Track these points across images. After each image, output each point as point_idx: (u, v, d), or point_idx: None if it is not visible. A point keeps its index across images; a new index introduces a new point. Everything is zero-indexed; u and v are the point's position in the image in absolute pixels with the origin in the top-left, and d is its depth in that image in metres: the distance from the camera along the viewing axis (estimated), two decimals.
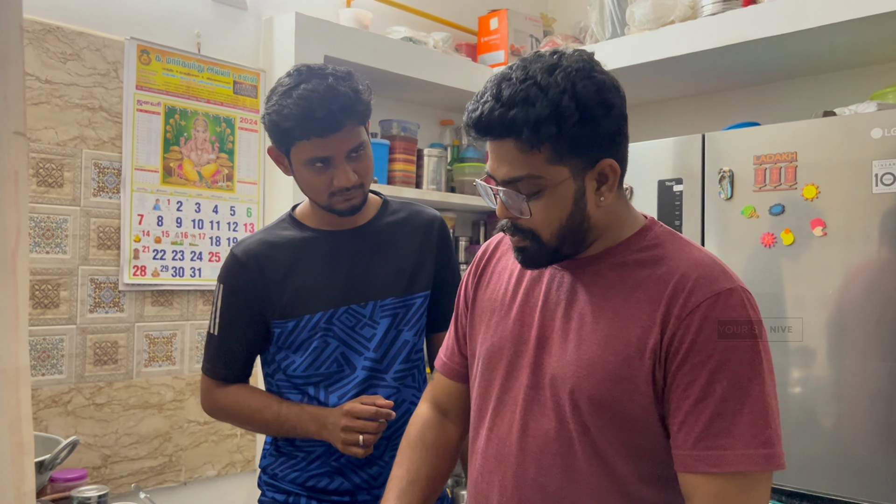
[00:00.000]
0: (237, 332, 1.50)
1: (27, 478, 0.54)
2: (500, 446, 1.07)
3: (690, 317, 0.94)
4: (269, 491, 1.53)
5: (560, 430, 1.01)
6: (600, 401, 0.98)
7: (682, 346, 0.94)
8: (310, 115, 1.33)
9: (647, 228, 1.05)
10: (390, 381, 1.46)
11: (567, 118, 0.93)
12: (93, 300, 2.17)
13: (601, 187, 0.99)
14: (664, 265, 0.99)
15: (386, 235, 1.53)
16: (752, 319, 0.95)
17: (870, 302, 1.90)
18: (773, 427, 0.93)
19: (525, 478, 1.03)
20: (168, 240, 2.32)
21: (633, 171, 2.43)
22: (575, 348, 1.01)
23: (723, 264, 1.00)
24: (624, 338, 0.97)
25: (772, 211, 2.06)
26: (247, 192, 2.52)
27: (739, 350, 0.93)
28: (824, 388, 1.97)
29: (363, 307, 1.47)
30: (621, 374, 0.97)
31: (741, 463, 0.91)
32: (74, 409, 2.12)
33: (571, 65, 0.96)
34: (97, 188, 2.18)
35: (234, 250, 1.50)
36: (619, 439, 0.99)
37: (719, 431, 0.92)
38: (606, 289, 1.01)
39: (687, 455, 0.94)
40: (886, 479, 1.86)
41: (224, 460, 2.44)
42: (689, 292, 0.95)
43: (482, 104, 0.97)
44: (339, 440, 1.37)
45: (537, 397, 1.04)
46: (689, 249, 1.02)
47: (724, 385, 0.92)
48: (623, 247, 1.03)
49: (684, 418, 0.94)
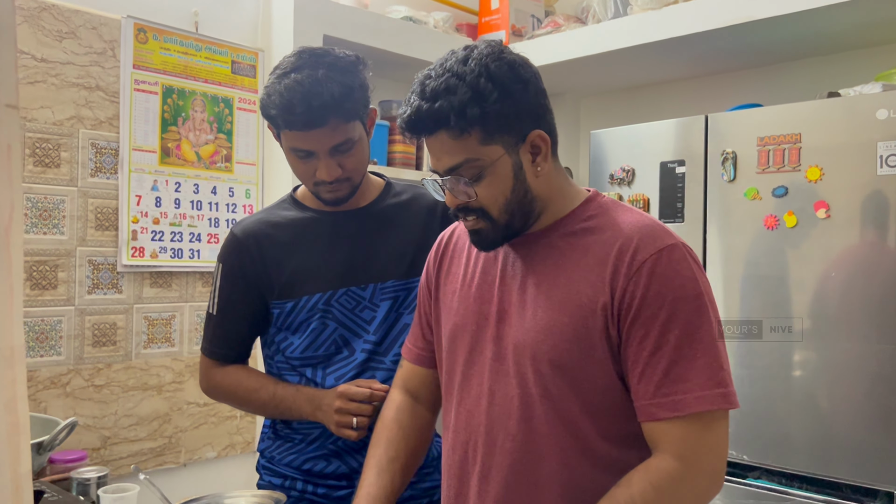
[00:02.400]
0: (236, 312, 1.49)
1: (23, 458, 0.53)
2: (468, 417, 1.12)
3: (638, 273, 1.00)
4: (267, 474, 1.52)
5: (523, 396, 1.06)
6: (560, 362, 1.03)
7: (634, 302, 0.99)
8: (290, 108, 1.31)
9: (590, 200, 1.12)
10: (389, 365, 1.45)
11: (487, 97, 1.00)
12: (91, 281, 2.16)
13: (536, 158, 1.06)
14: (609, 230, 1.06)
15: (388, 217, 1.51)
16: (694, 271, 1.01)
17: (872, 285, 1.89)
18: (725, 368, 1.00)
19: (494, 445, 1.08)
20: (166, 221, 2.30)
21: (635, 153, 2.42)
22: (532, 315, 1.06)
23: (663, 225, 1.07)
24: (577, 299, 1.03)
25: (775, 193, 2.04)
26: (245, 173, 2.50)
27: (687, 300, 0.99)
28: (825, 371, 1.96)
29: (363, 289, 1.45)
30: (577, 334, 1.02)
31: (700, 404, 0.96)
32: (73, 391, 2.11)
33: (482, 52, 1.04)
34: (94, 168, 2.16)
35: (233, 230, 1.49)
36: (580, 400, 1.03)
37: (676, 377, 0.97)
38: (558, 257, 1.08)
39: (648, 404, 0.99)
40: (886, 462, 1.86)
41: (224, 442, 2.44)
42: (634, 251, 1.01)
43: (410, 105, 1.05)
44: (333, 422, 1.36)
45: (501, 368, 1.09)
46: (632, 214, 1.08)
47: (677, 334, 0.98)
48: (570, 218, 1.10)
49: (642, 369, 0.99)
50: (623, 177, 2.35)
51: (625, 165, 2.36)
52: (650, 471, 0.98)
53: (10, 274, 0.52)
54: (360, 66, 1.40)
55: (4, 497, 0.51)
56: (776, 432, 2.01)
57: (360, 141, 1.40)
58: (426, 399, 1.29)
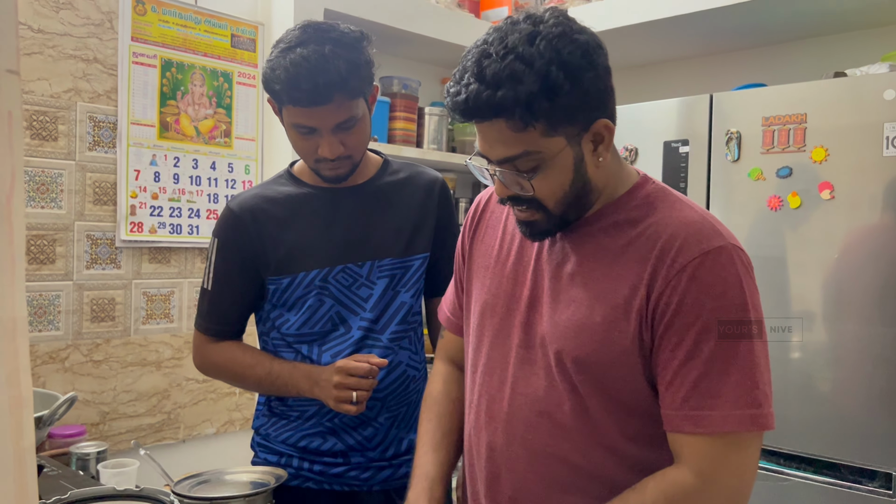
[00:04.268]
0: (231, 288, 1.48)
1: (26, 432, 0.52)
2: (490, 403, 1.08)
3: (678, 277, 0.93)
4: (262, 452, 1.52)
5: (549, 389, 1.01)
6: (587, 362, 0.98)
7: (670, 308, 0.93)
8: (295, 84, 1.29)
9: (638, 186, 1.03)
10: (386, 342, 1.44)
11: (558, 89, 0.90)
12: (89, 256, 2.14)
13: (598, 147, 0.98)
14: (653, 225, 0.98)
15: (386, 195, 1.50)
16: (741, 278, 0.93)
17: (874, 267, 1.88)
18: (761, 387, 0.93)
19: (514, 435, 1.04)
20: (165, 196, 2.29)
21: (638, 133, 2.40)
22: (564, 309, 1.01)
23: (714, 221, 0.98)
24: (611, 299, 0.97)
25: (779, 173, 2.03)
26: (245, 148, 2.47)
27: (727, 310, 0.92)
28: (824, 353, 1.96)
29: (360, 267, 1.44)
30: (608, 336, 0.96)
31: (727, 424, 0.91)
32: (72, 366, 2.11)
33: (551, 30, 0.91)
34: (92, 142, 2.14)
35: (229, 204, 1.47)
36: (606, 399, 0.99)
37: (705, 392, 0.92)
38: (596, 250, 1.01)
39: (674, 415, 0.94)
40: (885, 444, 1.86)
41: (223, 418, 2.44)
42: (676, 252, 0.94)
43: (464, 86, 0.93)
44: (332, 397, 1.35)
45: (528, 357, 1.04)
46: (680, 207, 1.00)
47: (711, 346, 0.91)
48: (616, 206, 1.02)
49: (671, 378, 0.94)
50: (626, 156, 2.34)
51: (627, 145, 2.35)
52: (666, 482, 0.94)
53: (12, 244, 0.51)
54: (365, 43, 1.38)
55: (7, 470, 0.50)
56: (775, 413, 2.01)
57: (362, 118, 1.39)
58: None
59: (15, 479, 0.50)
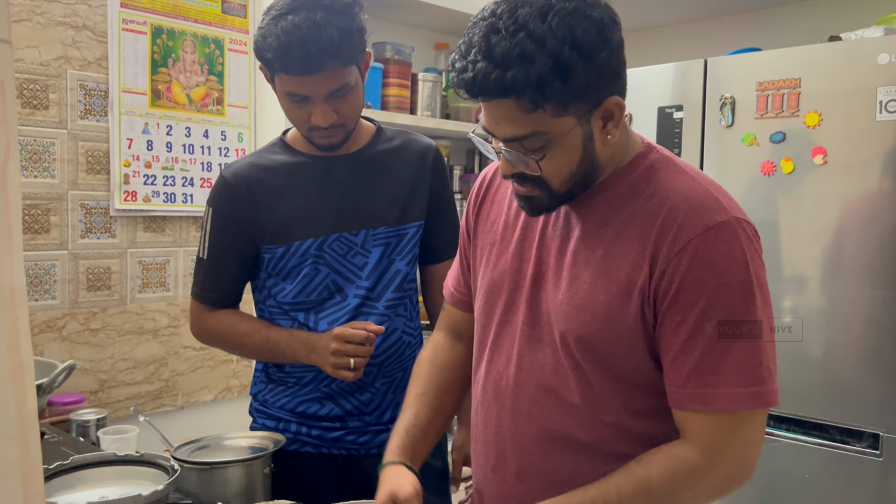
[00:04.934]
0: (227, 257, 1.48)
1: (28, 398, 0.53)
2: (497, 380, 1.08)
3: (680, 255, 0.91)
4: (260, 417, 1.54)
5: (555, 367, 1.01)
6: (590, 340, 0.97)
7: (672, 286, 0.92)
8: (287, 52, 1.28)
9: (642, 156, 1.01)
10: (381, 310, 1.45)
11: (571, 70, 0.86)
12: (84, 225, 2.14)
13: (607, 125, 0.94)
14: (656, 196, 0.96)
15: (379, 163, 1.50)
16: (745, 253, 0.92)
17: (867, 231, 1.89)
18: (765, 363, 0.93)
19: (520, 411, 1.04)
20: (158, 165, 2.28)
21: (632, 98, 2.38)
22: (567, 286, 1.00)
23: (717, 193, 0.96)
24: (614, 277, 0.96)
25: (773, 139, 2.03)
26: (237, 116, 2.46)
27: (731, 286, 0.90)
28: (816, 317, 1.98)
29: (355, 235, 1.45)
30: (611, 314, 0.96)
31: (730, 402, 0.91)
32: (69, 335, 2.12)
33: (564, 6, 0.87)
34: (84, 111, 2.12)
35: (223, 173, 1.47)
36: (610, 376, 0.99)
37: (709, 370, 0.91)
38: (600, 224, 0.99)
39: (678, 392, 0.94)
40: (873, 405, 1.90)
41: (220, 385, 2.46)
42: (678, 227, 0.92)
43: (471, 63, 0.88)
44: (329, 364, 1.37)
45: (534, 334, 1.04)
46: (683, 178, 0.97)
47: (714, 324, 0.90)
48: (619, 176, 1.00)
49: (675, 356, 0.93)
50: None
51: None
52: (672, 458, 0.94)
53: (8, 213, 0.52)
54: (357, 9, 1.36)
55: (11, 435, 0.51)
56: None
57: (355, 86, 1.38)
58: (470, 338, 1.22)
59: (19, 444, 0.51)
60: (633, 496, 0.94)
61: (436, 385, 1.21)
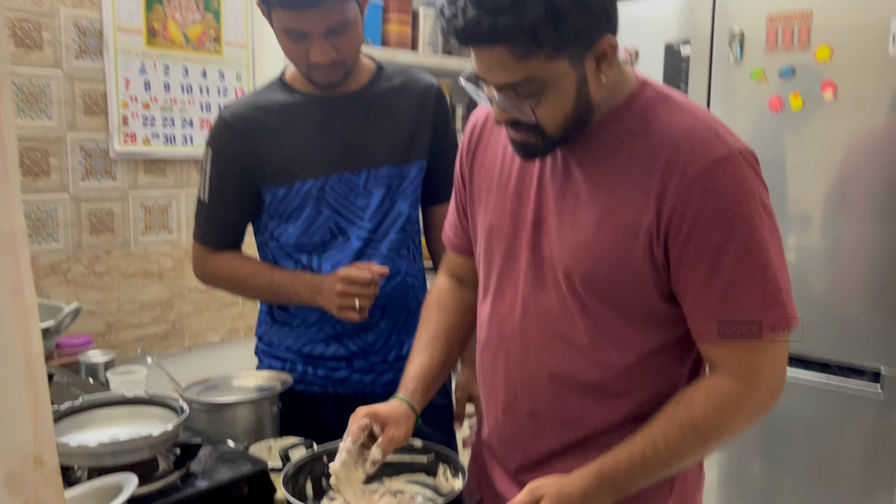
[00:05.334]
0: (228, 198, 1.47)
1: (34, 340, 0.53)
2: (501, 325, 1.08)
3: (689, 192, 0.90)
4: (266, 358, 1.55)
5: (561, 310, 1.01)
6: (596, 282, 0.97)
7: (685, 224, 0.91)
8: None
9: (637, 93, 0.99)
10: (385, 251, 1.45)
11: (564, 14, 0.84)
12: (84, 168, 2.13)
13: (601, 66, 0.92)
14: (656, 135, 0.94)
15: (380, 102, 1.47)
16: (752, 183, 0.92)
17: (874, 168, 1.87)
18: (784, 287, 0.94)
19: (528, 355, 1.05)
20: (157, 106, 2.25)
21: (637, 34, 2.34)
22: (570, 229, 0.99)
23: (716, 126, 0.95)
24: (618, 217, 0.95)
25: (782, 74, 1.99)
26: (235, 55, 2.41)
27: (743, 217, 0.91)
28: (820, 254, 1.98)
29: (356, 176, 1.43)
30: (617, 255, 0.95)
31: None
32: (74, 278, 2.13)
33: None
34: (79, 51, 2.08)
35: (222, 114, 1.45)
36: (618, 315, 0.99)
37: (733, 302, 0.92)
38: (600, 166, 0.98)
39: (705, 326, 0.95)
40: (874, 341, 1.91)
41: (227, 326, 2.48)
42: (683, 165, 0.91)
43: (461, 10, 0.86)
44: (335, 305, 1.37)
45: (537, 278, 1.04)
46: (681, 114, 0.96)
47: (733, 255, 0.91)
48: (615, 116, 0.98)
49: (697, 292, 0.94)
50: (626, 58, 2.28)
51: (628, 47, 2.29)
52: (712, 392, 0.95)
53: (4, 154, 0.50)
54: None
55: (19, 377, 0.51)
56: None
57: (354, 22, 1.34)
58: (472, 281, 1.23)
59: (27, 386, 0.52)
60: (681, 438, 0.95)
61: (445, 328, 1.21)
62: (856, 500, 1.96)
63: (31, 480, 0.51)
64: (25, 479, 0.50)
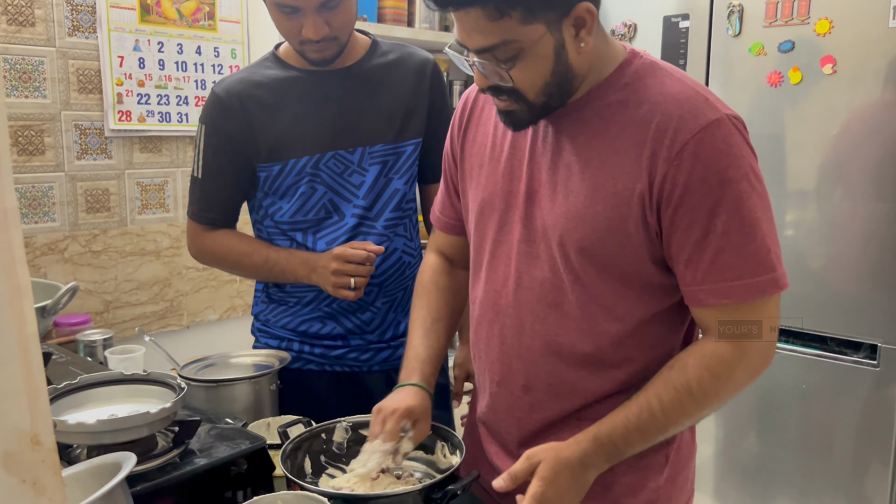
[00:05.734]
0: (222, 175, 1.46)
1: (28, 320, 0.52)
2: (496, 298, 1.09)
3: (679, 157, 0.91)
4: (263, 337, 1.55)
5: (554, 280, 1.02)
6: (590, 250, 0.98)
7: (677, 189, 0.92)
8: None
9: (626, 63, 1.00)
10: (380, 229, 1.45)
11: None
12: (79, 146, 2.11)
13: (580, 32, 0.93)
14: (645, 104, 0.95)
15: (375, 78, 1.46)
16: (741, 147, 0.93)
17: (872, 143, 1.87)
18: (774, 250, 0.95)
19: (523, 327, 1.06)
20: (151, 83, 2.23)
21: (636, 7, 2.32)
22: (563, 200, 1.00)
23: (705, 93, 0.96)
24: (611, 186, 0.96)
25: (781, 48, 1.98)
26: (230, 31, 2.39)
27: (733, 182, 0.92)
28: (818, 229, 1.98)
29: (351, 153, 1.42)
30: (611, 223, 0.96)
31: (749, 291, 0.94)
32: (71, 257, 2.12)
33: None
34: (72, 27, 2.06)
35: (215, 89, 1.44)
36: (611, 284, 1.00)
37: (725, 265, 0.93)
38: (591, 136, 0.98)
39: (698, 290, 0.96)
40: (872, 316, 1.91)
41: (225, 305, 2.49)
42: (674, 131, 0.92)
43: None
44: (330, 283, 1.37)
45: (530, 250, 1.04)
46: (671, 83, 0.97)
47: (724, 219, 0.92)
48: (604, 87, 0.99)
49: (689, 256, 0.95)
50: (624, 32, 2.26)
51: (626, 20, 2.27)
52: (705, 355, 0.97)
53: None
54: None
55: (13, 357, 0.51)
56: None
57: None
58: (461, 261, 1.25)
59: (21, 365, 0.51)
60: (676, 401, 0.96)
61: (447, 310, 1.23)
62: (851, 472, 1.98)
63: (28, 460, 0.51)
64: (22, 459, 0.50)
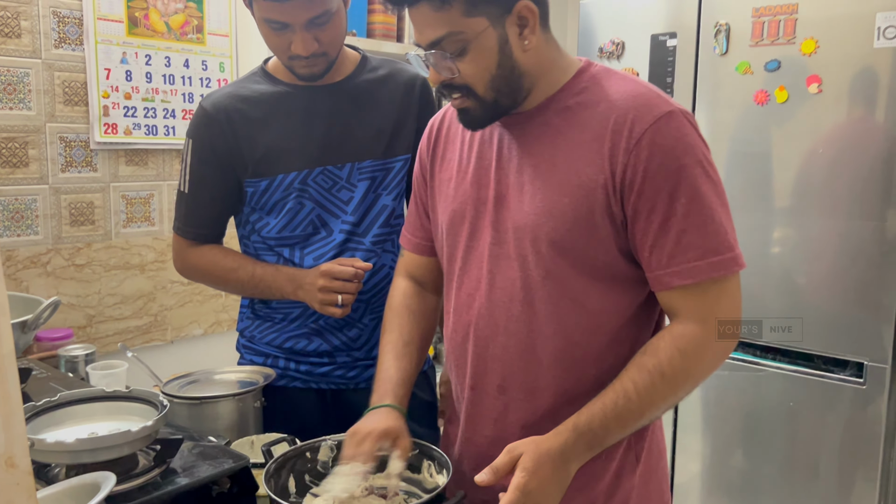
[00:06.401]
0: (208, 190, 1.45)
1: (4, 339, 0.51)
2: (469, 301, 1.11)
3: (638, 146, 0.97)
4: (248, 353, 1.53)
5: (524, 279, 1.05)
6: (561, 244, 1.02)
7: (637, 177, 0.98)
8: None
9: (582, 71, 1.07)
10: (368, 245, 1.43)
11: None
12: (64, 159, 2.09)
13: (523, 31, 1.01)
14: (603, 102, 1.02)
15: (364, 93, 1.45)
16: (695, 136, 0.99)
17: (858, 161, 1.88)
18: (730, 231, 1.00)
19: (497, 327, 1.08)
20: (138, 96, 2.22)
21: (624, 26, 2.33)
22: (531, 198, 1.04)
23: (657, 90, 1.03)
24: (576, 179, 1.01)
25: (767, 67, 1.99)
26: (218, 44, 2.38)
27: (690, 167, 0.97)
28: (804, 247, 1.99)
29: (339, 169, 1.42)
30: (578, 215, 1.01)
31: (713, 269, 0.98)
32: (54, 270, 2.10)
33: None
34: (58, 39, 2.05)
35: (202, 103, 1.43)
36: (583, 277, 1.03)
37: (687, 246, 0.98)
38: (554, 136, 1.05)
39: (662, 274, 1.00)
40: (858, 335, 1.92)
41: (210, 319, 2.46)
42: (631, 123, 0.98)
43: None
44: (317, 300, 1.35)
45: (500, 252, 1.08)
46: (625, 83, 1.04)
47: (683, 202, 0.97)
48: (563, 92, 1.06)
49: (653, 241, 0.99)
50: (612, 50, 2.28)
51: (615, 38, 2.28)
52: (675, 337, 1.00)
53: None
54: None
55: None
56: (751, 306, 2.06)
57: (337, 13, 1.33)
58: (431, 284, 1.28)
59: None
60: (650, 385, 0.98)
61: (419, 333, 1.24)
62: (837, 490, 1.98)
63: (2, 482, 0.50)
64: None
